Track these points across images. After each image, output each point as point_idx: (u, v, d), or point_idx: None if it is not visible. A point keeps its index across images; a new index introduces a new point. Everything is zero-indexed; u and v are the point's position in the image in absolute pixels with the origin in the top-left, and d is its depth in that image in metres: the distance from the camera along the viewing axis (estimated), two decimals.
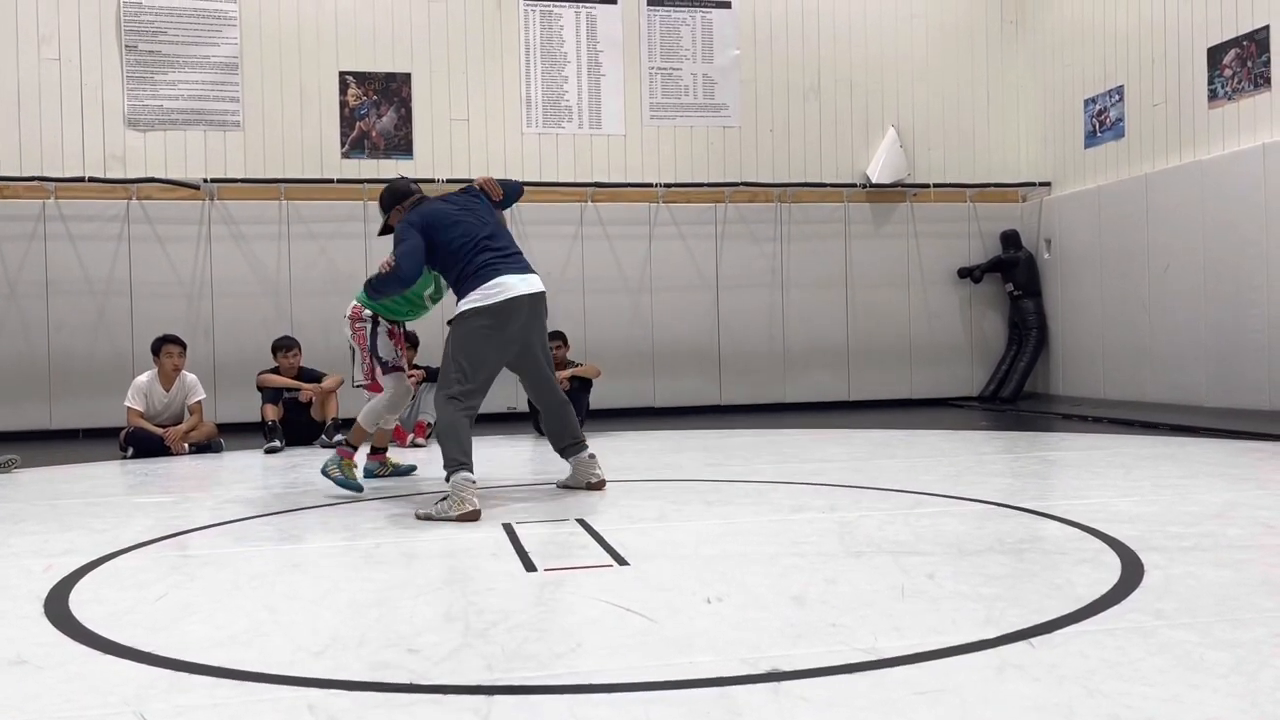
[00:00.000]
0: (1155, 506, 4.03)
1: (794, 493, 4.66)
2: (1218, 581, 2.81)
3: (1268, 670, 2.07)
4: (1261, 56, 7.79)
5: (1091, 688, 1.98)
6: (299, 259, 9.22)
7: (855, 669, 2.13)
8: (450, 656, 2.29)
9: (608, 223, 9.81)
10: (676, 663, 2.22)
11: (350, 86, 9.42)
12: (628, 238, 9.82)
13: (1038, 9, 10.52)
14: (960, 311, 10.54)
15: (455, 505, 4.12)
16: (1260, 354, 7.75)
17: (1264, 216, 7.68)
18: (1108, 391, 9.46)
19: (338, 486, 4.92)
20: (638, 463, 6.20)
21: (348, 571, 3.25)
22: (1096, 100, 9.71)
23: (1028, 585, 2.84)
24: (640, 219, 9.87)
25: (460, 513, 4.09)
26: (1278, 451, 5.75)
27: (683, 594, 2.82)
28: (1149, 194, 8.89)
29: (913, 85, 10.53)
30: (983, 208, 10.59)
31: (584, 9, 9.85)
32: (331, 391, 7.52)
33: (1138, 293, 9.05)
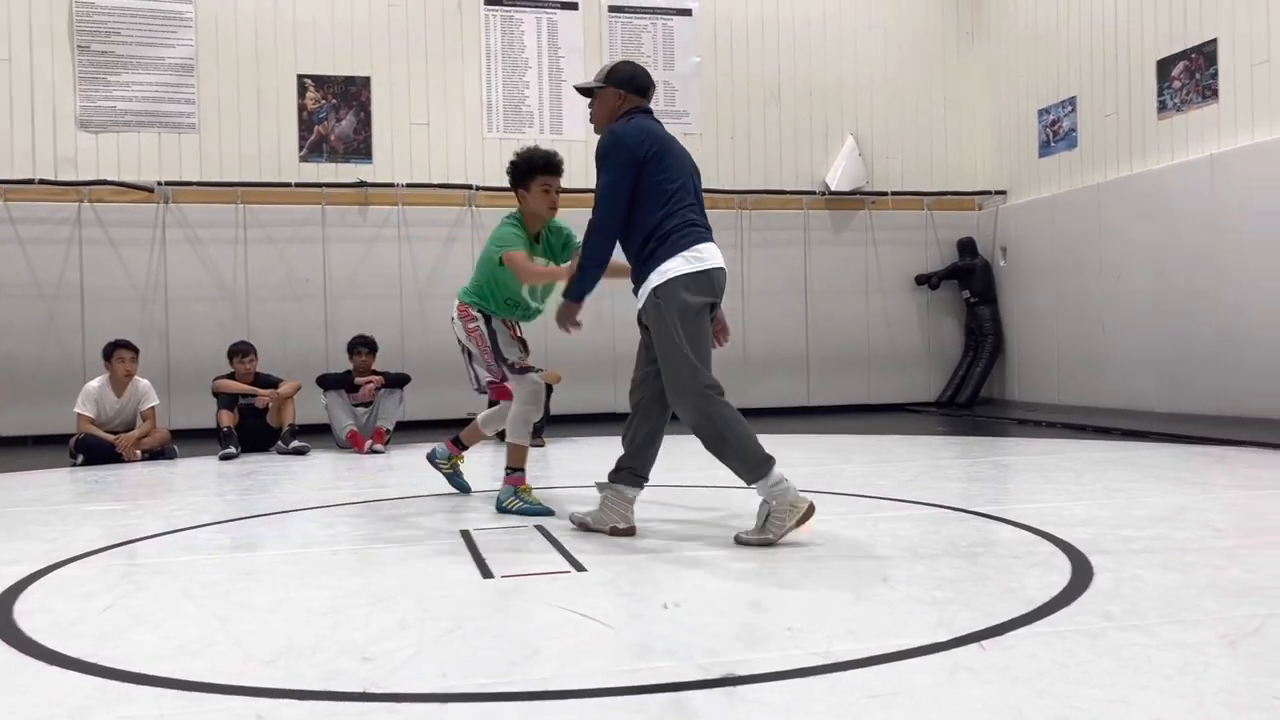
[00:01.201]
0: (1106, 510, 4.10)
1: (753, 498, 4.67)
2: (1165, 584, 2.86)
3: (1213, 671, 2.11)
4: (1209, 69, 7.97)
5: (1041, 689, 2.01)
6: (256, 263, 9.11)
7: (810, 673, 2.14)
8: (405, 664, 2.27)
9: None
10: (633, 668, 2.21)
11: (309, 90, 9.33)
12: None
13: (993, 21, 10.68)
14: (918, 318, 10.65)
15: (791, 514, 3.45)
16: (1208, 361, 7.91)
17: (1211, 227, 7.85)
18: (1062, 397, 9.60)
19: (527, 516, 4.26)
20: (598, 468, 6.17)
21: (302, 579, 3.21)
22: (1050, 111, 9.87)
23: (981, 588, 2.87)
24: None
25: (799, 518, 3.45)
26: (1225, 456, 5.87)
27: (640, 599, 2.82)
28: (1101, 203, 9.05)
29: (871, 94, 10.64)
30: (940, 215, 10.72)
31: (545, 15, 9.85)
32: (288, 397, 7.43)
33: (1090, 300, 9.20)
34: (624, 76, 3.82)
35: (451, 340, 10.10)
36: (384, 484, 5.59)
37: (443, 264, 9.49)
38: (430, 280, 9.46)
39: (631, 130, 3.65)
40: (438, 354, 9.42)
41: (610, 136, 3.66)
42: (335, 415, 7.47)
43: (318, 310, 9.21)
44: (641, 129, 3.67)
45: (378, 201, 9.39)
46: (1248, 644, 2.28)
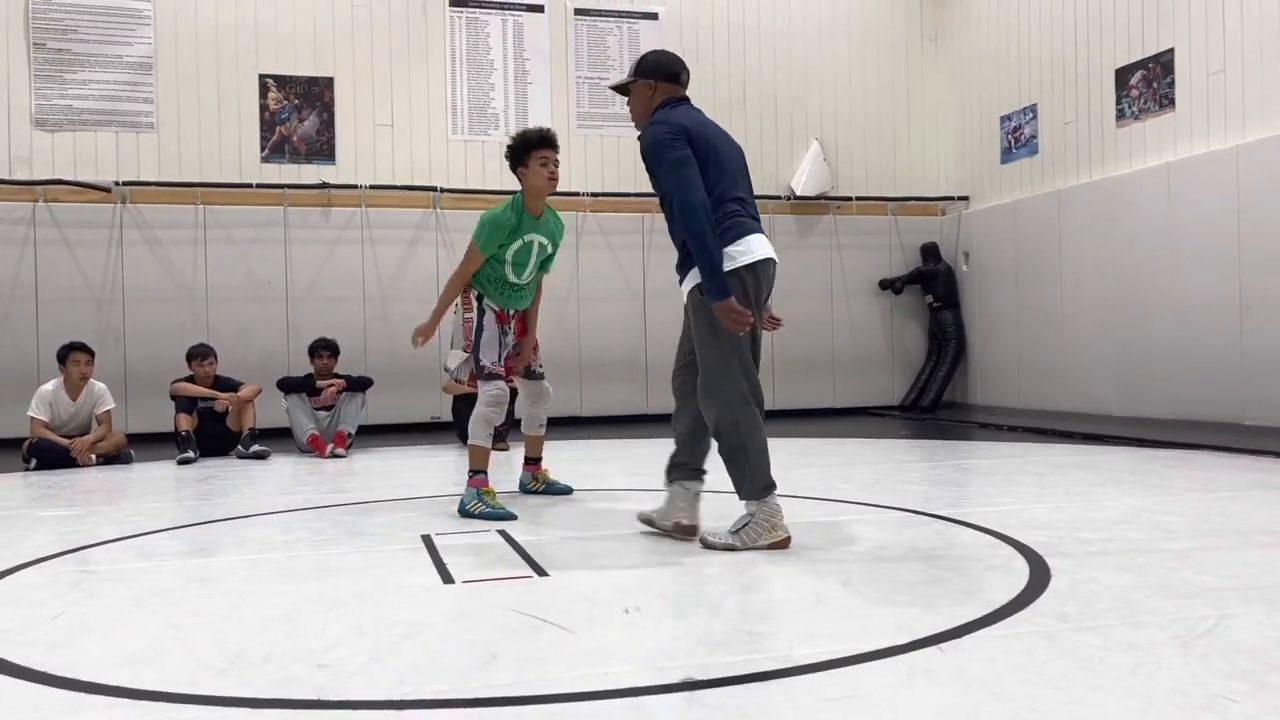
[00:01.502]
0: (1064, 513, 4.14)
1: (715, 501, 4.68)
2: (1120, 585, 2.89)
3: (1164, 671, 2.13)
4: (1166, 78, 8.09)
5: (997, 691, 2.02)
6: (216, 265, 9.00)
7: (768, 677, 2.14)
8: (360, 671, 2.24)
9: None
10: (592, 673, 2.20)
11: (271, 90, 9.24)
12: None
13: (956, 28, 10.79)
14: (881, 322, 10.73)
15: (769, 534, 3.46)
16: (1164, 365, 8.03)
17: (1167, 233, 7.97)
18: (1023, 401, 9.71)
19: (489, 521, 4.22)
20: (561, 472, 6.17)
21: (257, 586, 3.16)
22: (1012, 118, 9.98)
23: (940, 591, 2.88)
24: (567, 228, 9.79)
25: (773, 541, 3.46)
26: (1180, 459, 5.95)
27: (601, 604, 2.81)
28: (1061, 209, 9.16)
29: (836, 100, 10.71)
30: (903, 220, 10.81)
31: (510, 17, 9.82)
32: (249, 401, 7.34)
33: (1051, 305, 9.32)
34: (650, 65, 3.74)
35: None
36: (345, 488, 5.54)
37: (406, 267, 9.43)
38: (394, 283, 9.39)
39: (671, 114, 3.58)
40: (401, 357, 9.35)
41: (649, 131, 3.58)
42: (296, 419, 7.39)
43: (279, 313, 9.12)
44: (680, 114, 3.59)
45: (341, 203, 9.31)
46: (1199, 645, 2.30)
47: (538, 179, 4.55)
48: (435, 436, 8.57)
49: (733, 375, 3.49)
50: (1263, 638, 2.34)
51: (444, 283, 9.72)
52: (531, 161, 4.54)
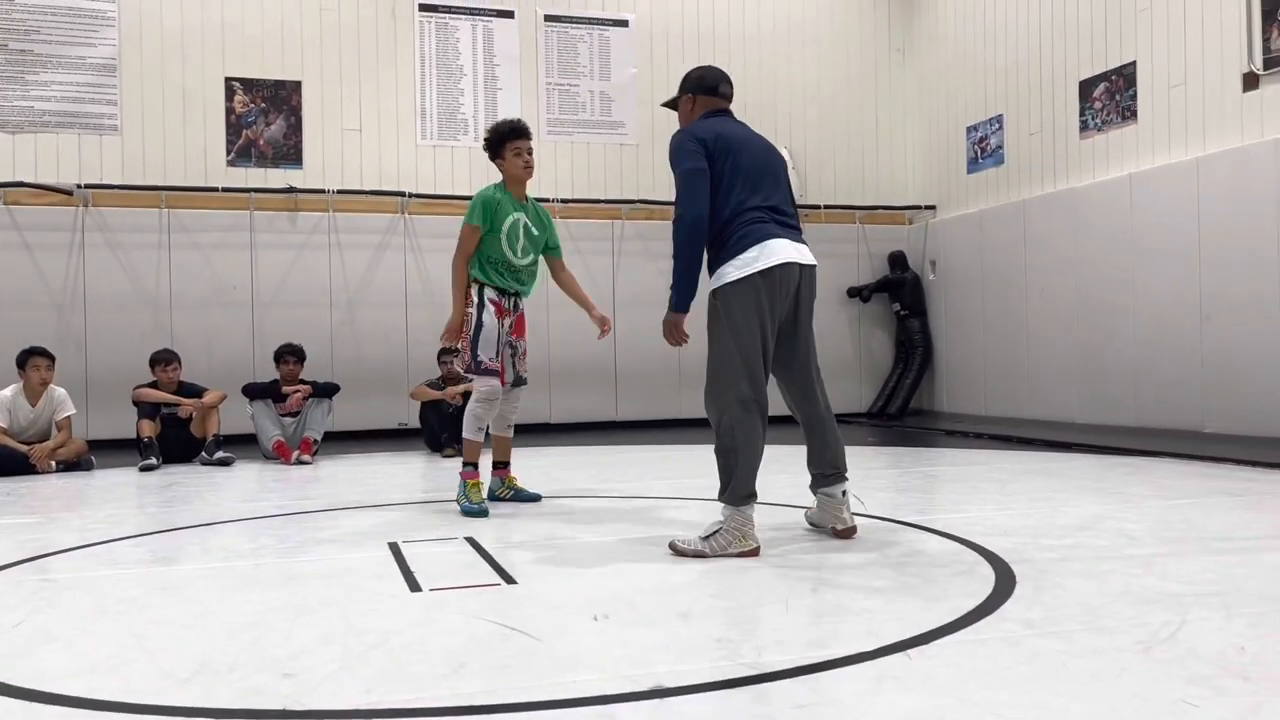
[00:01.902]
0: (1029, 520, 4.19)
1: (685, 508, 4.69)
2: (1083, 592, 2.92)
3: (1127, 677, 2.16)
4: (1129, 91, 8.23)
5: (963, 697, 2.04)
6: (180, 270, 8.90)
7: (737, 684, 2.14)
8: (327, 680, 2.22)
9: None
10: (560, 682, 2.20)
11: (237, 93, 9.16)
12: None
13: (924, 39, 10.90)
14: (849, 330, 10.80)
15: (738, 542, 3.49)
16: (1126, 373, 8.14)
17: (1129, 243, 8.10)
18: (988, 408, 9.81)
19: (465, 516, 4.49)
20: (531, 479, 6.15)
21: (222, 594, 3.12)
22: (978, 128, 10.10)
23: (908, 598, 2.91)
24: None
25: (742, 550, 3.48)
26: (1142, 466, 6.04)
27: (570, 612, 2.80)
28: (1026, 219, 9.28)
29: (805, 108, 10.78)
30: (871, 229, 10.89)
31: (480, 22, 9.81)
32: (213, 407, 7.26)
33: (1016, 314, 9.43)
34: (692, 81, 3.87)
35: (382, 350, 10.00)
36: (311, 495, 5.49)
37: (374, 272, 9.37)
38: (361, 288, 9.33)
39: (696, 125, 3.70)
40: (368, 363, 9.31)
41: (672, 140, 3.67)
42: (261, 425, 7.32)
43: (245, 318, 9.03)
44: (705, 125, 3.69)
45: (308, 208, 9.24)
46: (1160, 650, 2.34)
47: (514, 168, 4.86)
48: (402, 443, 8.52)
49: (735, 379, 3.56)
50: (1222, 643, 2.38)
51: (412, 289, 9.69)
52: (506, 152, 4.84)
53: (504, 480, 5.06)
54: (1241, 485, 5.10)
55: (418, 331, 9.38)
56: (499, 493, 5.03)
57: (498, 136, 4.85)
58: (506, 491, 5.03)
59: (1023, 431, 8.22)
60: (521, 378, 5.01)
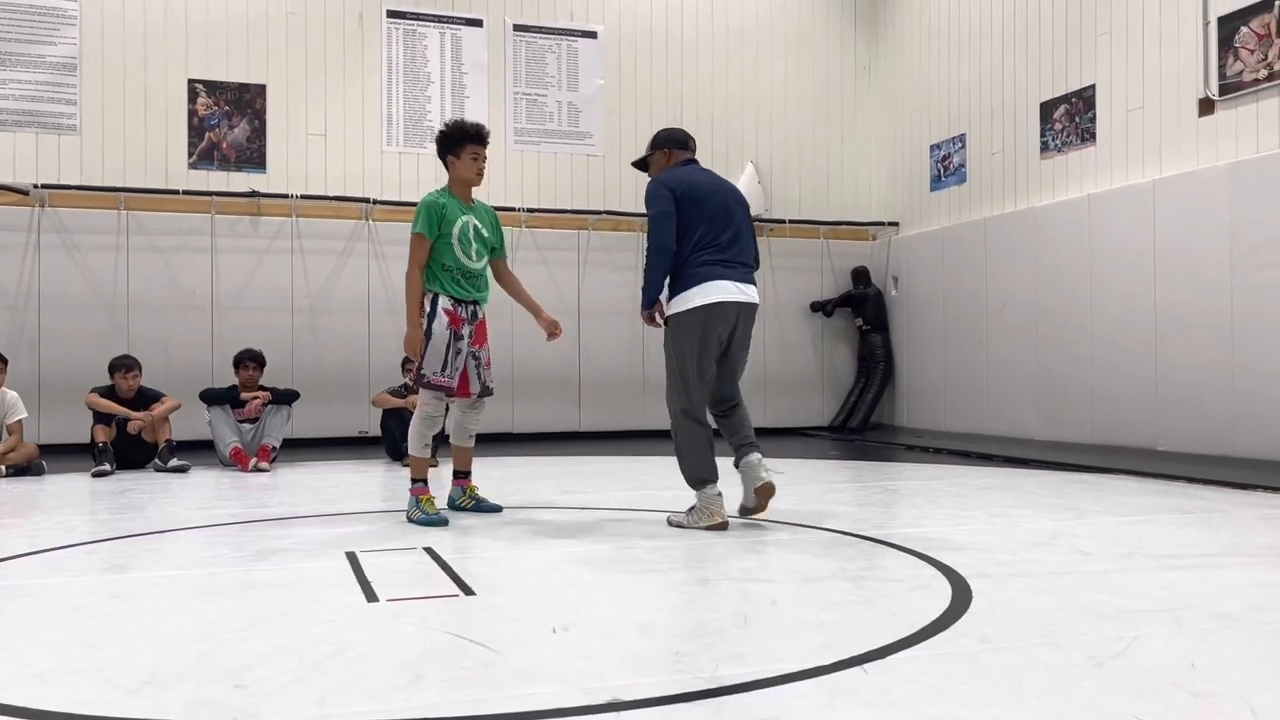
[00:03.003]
0: (986, 535, 4.23)
1: (646, 520, 4.69)
2: (1038, 606, 2.96)
3: (1080, 692, 2.18)
4: (1088, 113, 8.37)
5: (917, 712, 2.05)
6: (139, 272, 8.77)
7: (694, 697, 2.14)
8: (279, 691, 2.19)
9: None
10: (517, 694, 2.18)
11: (200, 95, 9.06)
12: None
13: (889, 57, 11.03)
14: (812, 344, 10.87)
15: (705, 517, 4.30)
16: (1083, 391, 8.27)
17: (1087, 263, 8.23)
18: (948, 424, 9.90)
19: (424, 527, 4.45)
20: (491, 489, 6.12)
21: (175, 603, 3.07)
22: (941, 146, 10.23)
23: (865, 612, 2.92)
24: None
25: (709, 524, 4.28)
26: (1096, 483, 6.13)
27: (529, 624, 2.79)
28: (987, 237, 9.40)
29: (771, 123, 10.86)
30: (835, 244, 10.98)
31: (449, 30, 9.78)
32: (163, 419, 7.13)
33: (976, 330, 9.54)
34: (663, 138, 4.60)
35: (344, 357, 9.91)
36: (268, 503, 5.42)
37: (337, 278, 9.30)
38: (323, 294, 9.25)
39: (668, 175, 4.43)
40: (329, 370, 9.22)
41: (648, 186, 4.42)
42: (219, 431, 7.22)
43: (204, 322, 8.91)
44: (675, 174, 4.43)
45: (271, 212, 9.15)
46: (1113, 665, 2.37)
47: (467, 171, 4.74)
48: (363, 451, 8.44)
49: (676, 393, 4.41)
50: (1172, 659, 2.42)
51: (375, 296, 9.62)
52: (464, 154, 4.72)
53: (465, 490, 4.99)
54: (1192, 503, 5.19)
55: (380, 339, 9.32)
56: (460, 502, 4.96)
57: (460, 134, 4.71)
58: (468, 501, 4.95)
59: (982, 447, 8.31)
60: (488, 388, 4.90)
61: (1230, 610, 2.91)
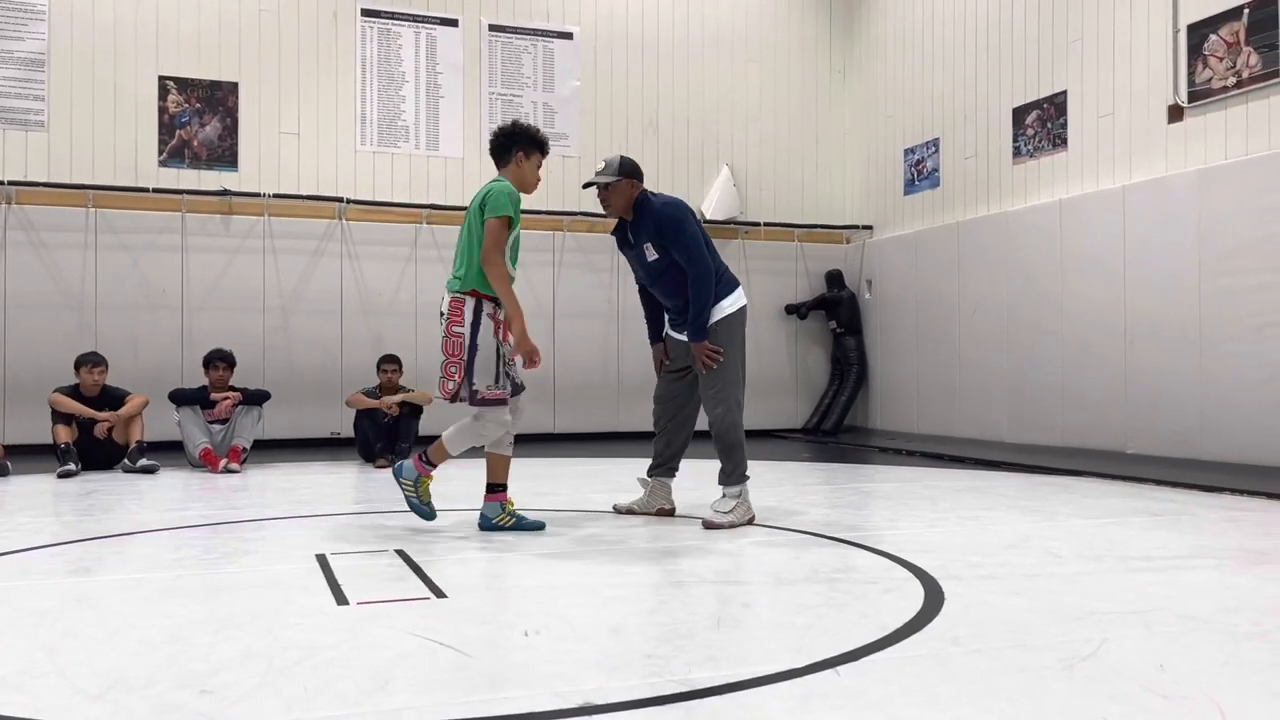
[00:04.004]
0: (958, 537, 4.25)
1: (619, 523, 4.68)
2: (1010, 609, 2.97)
3: (1050, 695, 2.19)
4: (1060, 119, 8.45)
5: (890, 714, 2.05)
6: (108, 271, 8.65)
7: (666, 701, 2.13)
8: (247, 696, 2.16)
9: (443, 246, 9.64)
10: (487, 698, 2.16)
11: (171, 92, 8.95)
12: None
13: (863, 61, 11.08)
14: (787, 347, 10.89)
15: (747, 511, 4.54)
16: (1054, 394, 8.33)
17: (1058, 267, 8.30)
18: (921, 426, 9.96)
19: (410, 509, 4.30)
20: (463, 491, 6.09)
21: (141, 606, 3.03)
22: (915, 150, 10.28)
23: (838, 614, 2.92)
24: None
25: (749, 518, 4.54)
26: (1068, 485, 6.18)
27: (500, 627, 2.77)
28: (960, 241, 9.46)
29: (746, 126, 10.88)
30: (810, 247, 11.02)
31: (424, 29, 9.73)
32: (133, 417, 7.04)
33: (948, 333, 9.59)
34: (632, 167, 4.66)
35: (316, 358, 9.82)
36: (238, 505, 5.36)
37: (309, 278, 9.22)
38: (296, 295, 9.17)
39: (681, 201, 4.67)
40: (300, 371, 9.14)
41: (674, 209, 4.58)
42: (189, 432, 7.14)
43: (174, 322, 8.81)
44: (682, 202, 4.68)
45: (242, 211, 9.06)
46: (1083, 667, 2.38)
47: (532, 175, 4.44)
48: (335, 453, 8.37)
49: (727, 392, 4.58)
50: (1141, 660, 2.43)
51: (348, 296, 9.54)
52: (535, 158, 4.42)
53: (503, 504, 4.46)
54: (1161, 505, 5.24)
55: (353, 339, 9.25)
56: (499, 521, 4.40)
57: (538, 143, 4.38)
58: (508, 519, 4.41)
59: (954, 449, 8.36)
60: (520, 385, 4.50)
61: (1198, 612, 2.94)
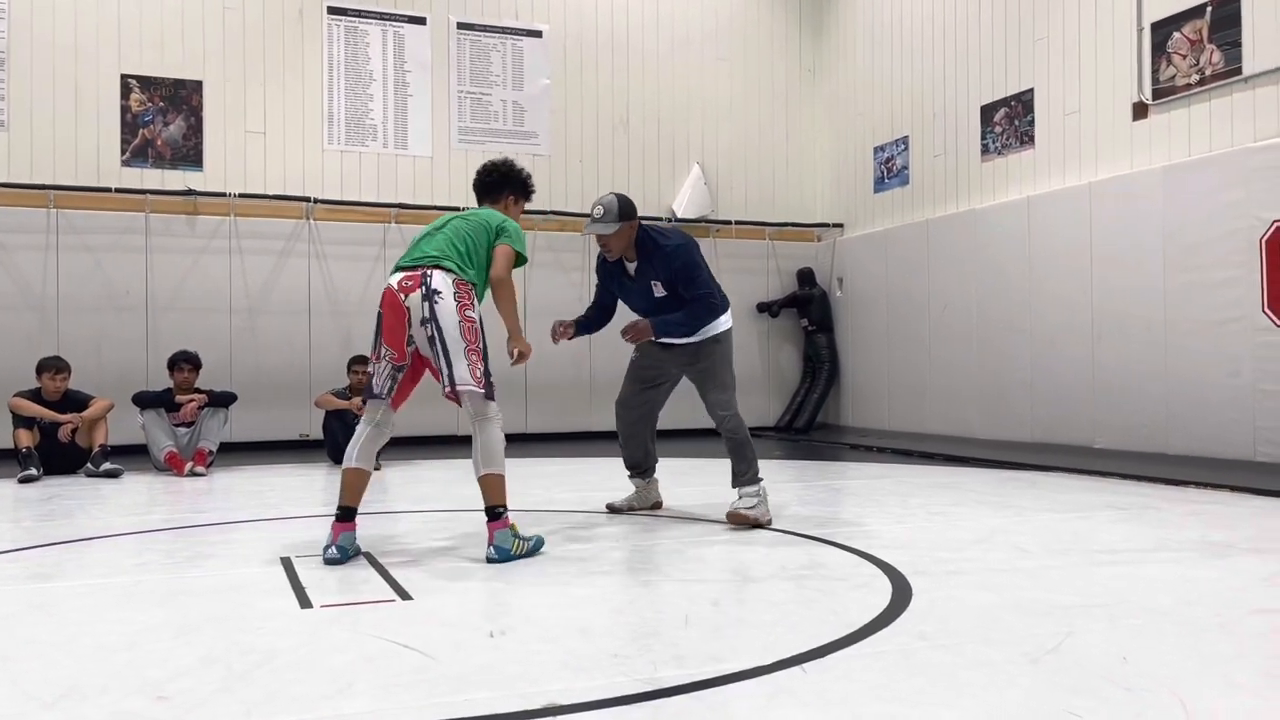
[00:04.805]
0: (926, 533, 4.26)
1: (590, 522, 4.66)
2: (976, 604, 2.98)
3: (1015, 688, 2.19)
4: (1027, 117, 8.51)
5: (856, 710, 2.05)
6: (70, 272, 8.52)
7: (632, 700, 2.12)
8: (205, 702, 2.12)
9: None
10: (451, 701, 2.14)
11: (134, 90, 8.83)
12: None
13: (833, 60, 11.11)
14: (758, 345, 10.91)
15: (768, 510, 4.53)
16: (1022, 390, 8.39)
17: (1027, 263, 8.36)
18: (892, 423, 10.00)
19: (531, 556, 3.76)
20: (433, 493, 6.06)
21: (99, 612, 2.97)
22: (885, 149, 10.33)
23: (806, 611, 2.92)
24: None
25: (768, 518, 4.50)
26: (1034, 480, 6.22)
27: (466, 628, 2.74)
28: (930, 238, 9.51)
29: (717, 125, 10.88)
30: (781, 245, 11.04)
31: (391, 27, 9.66)
32: (97, 419, 6.94)
33: (919, 330, 9.64)
34: (629, 208, 4.57)
35: (284, 359, 9.70)
36: (203, 508, 5.29)
37: (276, 278, 9.12)
38: (263, 295, 9.07)
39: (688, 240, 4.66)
40: (268, 372, 9.05)
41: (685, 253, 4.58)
42: (153, 435, 7.04)
43: (138, 324, 8.69)
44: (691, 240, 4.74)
45: (208, 211, 8.95)
46: (1047, 661, 2.39)
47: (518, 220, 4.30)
48: (304, 455, 8.29)
49: (729, 398, 4.74)
50: (1104, 654, 2.44)
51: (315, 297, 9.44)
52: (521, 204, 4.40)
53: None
54: (1127, 499, 5.28)
55: (321, 340, 9.16)
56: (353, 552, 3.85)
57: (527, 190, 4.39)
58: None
59: (924, 446, 8.40)
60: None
61: (1161, 605, 2.96)
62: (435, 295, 3.71)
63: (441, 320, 3.70)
